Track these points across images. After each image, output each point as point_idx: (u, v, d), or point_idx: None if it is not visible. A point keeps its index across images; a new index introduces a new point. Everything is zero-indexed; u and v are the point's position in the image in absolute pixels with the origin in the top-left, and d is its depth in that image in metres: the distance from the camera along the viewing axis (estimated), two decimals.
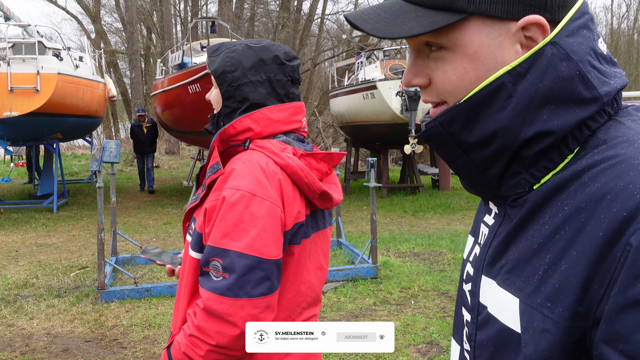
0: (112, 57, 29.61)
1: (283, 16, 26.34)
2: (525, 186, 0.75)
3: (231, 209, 1.31)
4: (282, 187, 1.38)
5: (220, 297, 1.27)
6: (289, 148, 1.48)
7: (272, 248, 1.32)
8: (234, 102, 1.50)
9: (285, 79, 1.52)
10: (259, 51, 1.51)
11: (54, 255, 7.40)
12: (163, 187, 14.47)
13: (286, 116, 1.51)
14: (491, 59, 0.73)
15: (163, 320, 4.93)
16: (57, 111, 10.73)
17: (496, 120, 0.72)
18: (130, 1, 18.38)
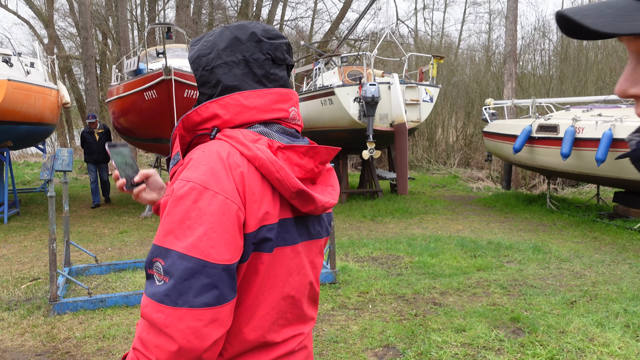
0: (66, 62, 28.94)
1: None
2: None
3: (178, 202, 1.14)
4: (245, 181, 1.18)
5: (157, 305, 1.10)
6: (263, 139, 1.27)
7: (222, 251, 1.12)
8: (209, 88, 1.34)
9: (263, 57, 1.33)
10: (235, 30, 1.34)
11: (4, 267, 7.18)
12: (119, 196, 14.20)
13: (265, 103, 1.30)
14: None
15: (118, 331, 4.85)
16: (8, 118, 10.41)
17: None
18: (85, 6, 18.02)
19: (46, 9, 28.37)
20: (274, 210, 1.23)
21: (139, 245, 8.55)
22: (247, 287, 1.24)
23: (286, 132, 1.36)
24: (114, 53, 27.88)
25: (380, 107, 11.93)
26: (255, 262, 1.23)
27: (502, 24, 28.56)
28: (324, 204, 1.31)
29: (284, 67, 1.39)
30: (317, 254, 1.43)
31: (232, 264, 1.14)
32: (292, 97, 1.38)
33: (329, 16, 33.54)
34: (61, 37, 31.07)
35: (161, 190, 1.65)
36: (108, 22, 28.32)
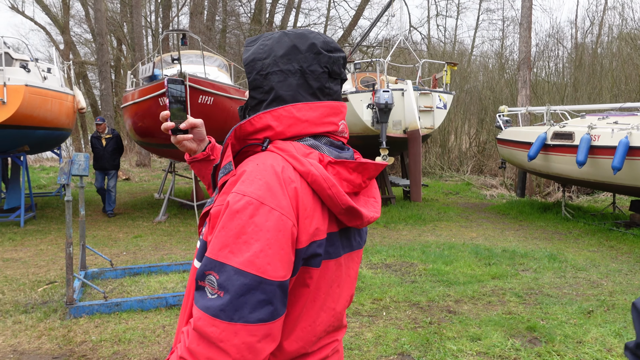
0: (82, 68, 29.25)
1: (254, 28, 26.39)
2: None
3: (234, 217, 1.12)
4: (299, 197, 1.17)
5: (212, 319, 1.09)
6: (314, 153, 1.26)
7: (277, 267, 1.12)
8: (261, 93, 1.32)
9: (321, 70, 1.31)
10: (294, 38, 1.32)
11: (20, 270, 7.24)
12: (134, 200, 14.30)
13: (317, 116, 1.29)
14: None
15: (133, 335, 4.87)
16: (25, 123, 10.54)
17: None
18: (100, 12, 18.22)
19: (62, 16, 28.71)
20: (324, 225, 1.23)
21: (153, 249, 8.59)
22: (295, 301, 1.24)
23: (334, 145, 1.35)
24: (128, 59, 28.15)
25: (394, 113, 11.93)
26: (303, 277, 1.23)
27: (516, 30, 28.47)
28: (369, 219, 1.31)
29: (339, 81, 1.38)
30: (357, 264, 1.43)
31: (286, 280, 1.14)
32: (343, 110, 1.37)
33: (342, 23, 33.63)
34: (77, 43, 31.42)
35: (202, 143, 1.65)
36: (123, 28, 28.60)
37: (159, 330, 5.00)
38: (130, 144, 25.47)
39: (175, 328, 5.05)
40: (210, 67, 12.09)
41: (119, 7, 29.25)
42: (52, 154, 17.40)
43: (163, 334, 4.92)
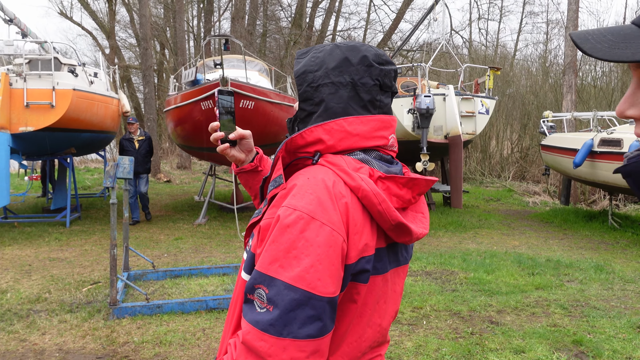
0: (126, 72, 29.94)
1: (295, 33, 26.54)
2: None
3: (285, 231, 1.12)
4: (349, 212, 1.16)
5: (261, 333, 1.09)
6: (365, 168, 1.25)
7: (328, 283, 1.11)
8: (311, 105, 1.32)
9: (372, 82, 1.30)
10: (346, 50, 1.32)
11: (66, 269, 7.43)
12: (174, 202, 14.53)
13: (368, 130, 1.28)
14: None
15: (174, 337, 4.93)
16: (72, 126, 10.85)
17: None
18: (145, 17, 18.62)
19: (108, 21, 29.49)
20: (372, 241, 1.21)
21: (194, 252, 8.70)
22: (342, 316, 1.22)
23: (383, 159, 1.33)
24: (171, 63, 28.68)
25: (435, 118, 11.79)
26: (351, 292, 1.21)
27: (560, 33, 27.85)
28: (417, 235, 1.29)
29: (390, 94, 1.37)
30: (402, 279, 1.42)
31: (335, 297, 1.13)
32: (393, 124, 1.36)
33: (382, 27, 33.49)
34: (122, 47, 32.23)
35: (250, 154, 1.66)
36: (166, 33, 29.18)
37: (199, 333, 5.05)
38: (172, 146, 25.92)
39: (215, 332, 5.09)
40: (251, 71, 12.20)
41: (162, 12, 29.87)
42: (97, 156, 17.83)
43: (203, 337, 4.96)
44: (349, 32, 31.66)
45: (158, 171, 19.86)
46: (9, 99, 9.89)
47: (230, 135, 1.54)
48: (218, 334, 5.03)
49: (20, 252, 8.49)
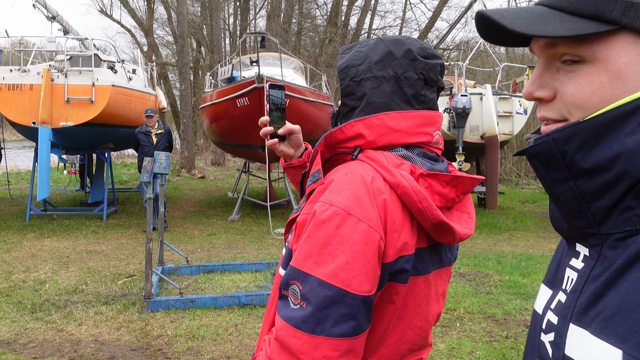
0: (163, 69, 30.39)
1: (330, 31, 26.52)
2: (636, 224, 0.68)
3: (320, 227, 1.10)
4: (388, 209, 1.13)
5: (294, 330, 1.07)
6: (406, 164, 1.21)
7: (363, 281, 1.07)
8: (353, 100, 1.30)
9: (416, 76, 1.26)
10: (390, 44, 1.28)
11: (102, 262, 7.58)
12: (208, 198, 14.68)
13: (410, 126, 1.24)
14: (634, 79, 0.68)
15: (207, 332, 4.97)
16: (110, 122, 11.08)
17: (623, 144, 0.67)
18: (182, 15, 18.86)
19: (147, 19, 29.96)
20: (412, 240, 1.17)
21: (227, 248, 8.77)
22: (379, 317, 1.19)
23: (427, 156, 1.29)
24: (207, 60, 28.99)
25: (471, 118, 11.62)
26: (389, 292, 1.18)
27: None
28: (461, 236, 1.24)
29: (435, 88, 1.32)
30: (446, 282, 1.37)
31: (371, 295, 1.10)
32: (438, 120, 1.31)
33: (418, 25, 33.21)
34: (159, 45, 32.71)
35: (299, 149, 1.63)
36: (202, 31, 29.50)
37: (232, 328, 5.07)
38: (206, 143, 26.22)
39: (247, 327, 5.11)
40: (287, 69, 12.24)
41: (199, 10, 30.21)
42: (134, 151, 18.15)
43: (235, 332, 4.99)
44: (384, 30, 31.50)
45: (193, 167, 20.10)
46: (51, 95, 10.14)
47: (280, 130, 1.52)
48: (250, 330, 5.05)
49: (58, 244, 8.70)
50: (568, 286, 0.77)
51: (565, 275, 0.79)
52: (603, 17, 0.67)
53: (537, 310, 0.85)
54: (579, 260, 0.77)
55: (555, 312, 0.77)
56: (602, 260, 0.72)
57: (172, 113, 31.13)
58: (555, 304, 0.78)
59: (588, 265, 0.74)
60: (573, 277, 0.77)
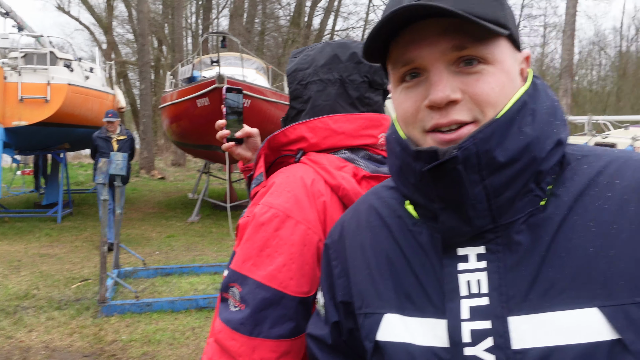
0: (123, 68, 29.83)
1: (293, 31, 26.52)
2: (536, 203, 0.75)
3: (259, 229, 1.11)
4: (328, 211, 1.14)
5: (232, 332, 1.07)
6: (349, 166, 1.21)
7: (301, 282, 1.08)
8: (300, 103, 1.31)
9: (360, 79, 1.28)
10: (336, 47, 1.30)
11: (56, 266, 7.37)
12: (167, 200, 14.48)
13: (354, 128, 1.25)
14: (514, 79, 0.78)
15: (163, 336, 4.88)
16: (66, 121, 10.79)
17: (526, 134, 0.74)
18: (143, 13, 18.57)
19: (106, 16, 29.35)
20: None
21: (185, 250, 8.65)
22: None
23: (372, 159, 1.29)
24: (168, 59, 28.61)
25: None
26: None
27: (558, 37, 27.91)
28: None
29: (381, 91, 1.34)
30: None
31: (309, 297, 1.10)
32: (384, 122, 1.31)
33: None
34: (119, 43, 32.05)
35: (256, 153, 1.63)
36: (164, 30, 29.09)
37: (189, 332, 5.00)
38: (166, 143, 25.87)
39: (204, 331, 5.05)
40: (249, 69, 12.16)
41: (161, 9, 29.76)
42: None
43: (192, 336, 4.92)
44: (347, 31, 31.65)
45: (152, 168, 19.80)
46: (3, 93, 9.82)
47: (237, 134, 1.52)
48: (208, 334, 4.99)
49: (9, 248, 8.42)
50: (477, 289, 0.75)
51: (459, 282, 0.76)
52: (499, 22, 0.74)
53: (424, 341, 0.78)
54: (472, 261, 0.76)
55: (481, 318, 0.74)
56: (513, 247, 0.74)
57: (132, 112, 30.60)
58: (471, 311, 0.74)
59: (494, 259, 0.75)
60: (480, 278, 0.75)
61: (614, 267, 0.69)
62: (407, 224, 0.86)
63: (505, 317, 0.72)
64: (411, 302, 0.80)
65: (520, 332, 0.71)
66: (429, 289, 0.79)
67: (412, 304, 0.80)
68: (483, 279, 0.75)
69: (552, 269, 0.71)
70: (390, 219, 0.89)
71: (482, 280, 0.75)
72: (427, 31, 0.75)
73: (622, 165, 0.76)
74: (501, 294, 0.73)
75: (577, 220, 0.73)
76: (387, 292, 0.84)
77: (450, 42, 0.74)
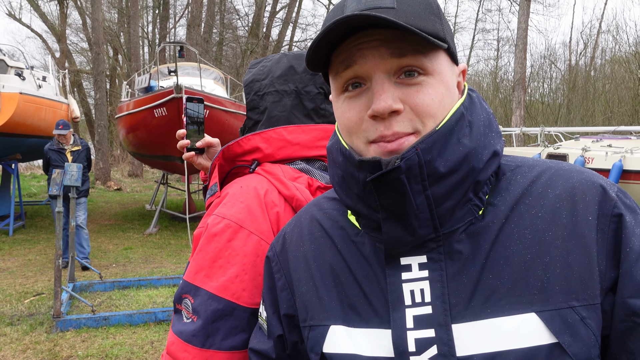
0: (77, 77, 29.17)
1: (252, 42, 26.50)
2: (475, 213, 0.77)
3: (212, 240, 1.10)
4: (281, 222, 1.14)
5: (184, 344, 1.07)
6: (303, 177, 1.22)
7: (254, 293, 1.07)
8: (257, 114, 1.32)
9: (316, 90, 1.30)
10: (292, 59, 1.32)
11: (7, 280, 7.13)
12: (125, 211, 14.19)
13: (309, 139, 1.25)
14: (452, 91, 0.80)
15: (121, 350, 4.78)
16: (18, 131, 10.47)
17: (464, 145, 0.75)
18: (97, 21, 18.22)
19: (59, 24, 28.69)
20: None
21: (143, 262, 8.50)
22: None
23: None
24: (124, 69, 28.14)
25: None
26: None
27: (511, 50, 28.75)
28: None
29: None
30: None
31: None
32: None
33: None
34: (73, 51, 31.38)
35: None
36: (120, 38, 28.62)
37: (147, 346, 4.91)
38: (123, 153, 25.40)
39: (163, 344, 4.96)
40: (207, 79, 12.09)
41: (116, 17, 29.30)
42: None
43: (151, 350, 4.84)
44: (305, 42, 31.82)
45: (108, 179, 19.38)
46: None
47: (198, 143, 1.52)
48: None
49: None
50: (421, 298, 0.76)
51: (403, 292, 0.77)
52: (438, 36, 0.75)
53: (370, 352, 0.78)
54: (415, 270, 0.77)
55: (425, 326, 0.74)
56: (454, 256, 0.76)
57: (87, 122, 29.92)
58: (415, 321, 0.75)
59: (436, 268, 0.76)
60: (423, 287, 0.76)
61: (550, 273, 0.72)
62: (350, 235, 0.87)
63: (449, 325, 0.73)
64: (356, 313, 0.81)
65: (464, 339, 0.72)
66: (373, 300, 0.80)
67: (357, 315, 0.81)
68: (426, 288, 0.75)
69: (492, 276, 0.73)
70: (332, 230, 0.89)
71: (425, 289, 0.76)
72: (369, 41, 0.75)
73: (553, 175, 0.79)
74: (444, 302, 0.74)
75: (514, 228, 0.75)
76: (332, 304, 0.84)
77: (389, 49, 0.74)
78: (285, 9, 29.76)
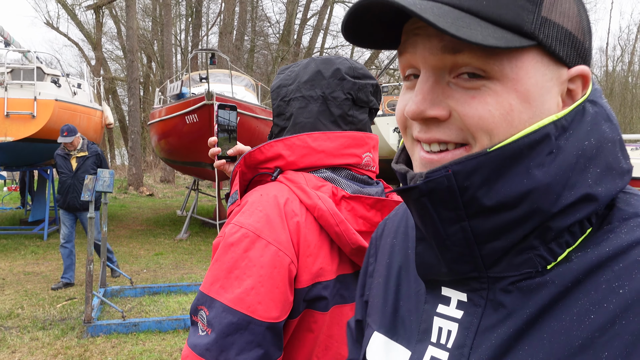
0: (112, 84, 29.75)
1: (282, 49, 26.62)
2: (537, 265, 0.59)
3: (228, 249, 1.05)
4: (301, 232, 1.08)
5: (197, 358, 1.02)
6: (327, 186, 1.16)
7: (269, 307, 1.02)
8: (283, 120, 1.27)
9: (344, 96, 1.23)
10: (320, 64, 1.26)
11: (41, 284, 7.23)
12: (156, 216, 14.33)
13: (335, 147, 1.19)
14: (540, 103, 0.59)
15: (150, 357, 4.77)
16: (53, 137, 10.66)
17: (533, 178, 0.57)
18: (132, 30, 18.54)
19: (95, 32, 29.32)
20: (331, 265, 1.12)
21: (174, 268, 8.53)
22: (299, 346, 1.13)
23: (356, 179, 1.24)
24: (157, 76, 28.57)
25: None
26: (307, 321, 1.12)
27: None
28: None
29: (366, 109, 1.28)
30: None
31: (279, 322, 1.05)
32: (368, 141, 1.26)
33: None
34: (108, 59, 32.04)
35: None
36: (153, 46, 29.10)
37: (176, 353, 4.90)
38: (155, 159, 25.75)
39: None
40: (238, 86, 12.15)
41: (150, 25, 29.83)
42: None
43: (180, 357, 4.81)
44: (336, 49, 31.85)
45: (141, 184, 19.64)
46: None
47: (229, 151, 1.48)
48: None
49: None
50: (445, 340, 0.65)
51: (433, 325, 0.67)
52: (522, 30, 0.57)
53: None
54: (452, 307, 0.66)
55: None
56: (495, 307, 0.61)
57: (121, 129, 30.48)
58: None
59: (472, 313, 0.63)
60: (451, 329, 0.65)
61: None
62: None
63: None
64: (402, 326, 0.72)
65: None
66: (413, 319, 0.71)
67: (402, 329, 0.72)
68: (454, 332, 0.64)
69: (527, 348, 0.57)
70: (412, 230, 0.80)
71: (452, 332, 0.64)
72: (426, 27, 0.61)
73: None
74: (462, 356, 0.62)
75: (580, 298, 0.56)
76: (385, 308, 0.76)
77: (442, 42, 0.59)
78: (316, 16, 29.90)
